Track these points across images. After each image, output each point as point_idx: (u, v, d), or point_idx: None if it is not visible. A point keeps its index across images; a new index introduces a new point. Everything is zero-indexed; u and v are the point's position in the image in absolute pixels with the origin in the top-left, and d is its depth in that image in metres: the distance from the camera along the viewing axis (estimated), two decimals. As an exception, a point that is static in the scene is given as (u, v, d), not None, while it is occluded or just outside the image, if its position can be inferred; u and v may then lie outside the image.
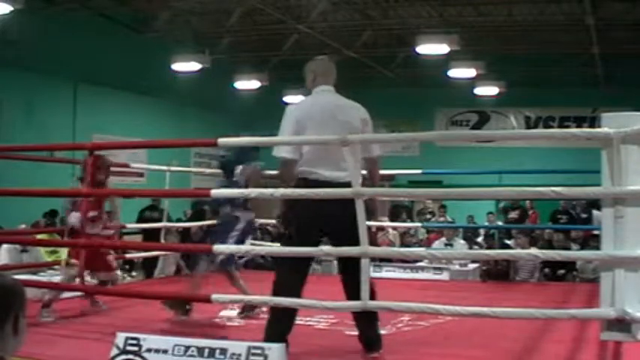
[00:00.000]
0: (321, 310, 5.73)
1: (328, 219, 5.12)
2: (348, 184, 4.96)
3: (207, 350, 4.47)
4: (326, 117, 5.22)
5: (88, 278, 7.51)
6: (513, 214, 16.75)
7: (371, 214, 5.45)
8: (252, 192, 5.12)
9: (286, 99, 17.96)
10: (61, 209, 12.55)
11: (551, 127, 22.09)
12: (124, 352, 4.60)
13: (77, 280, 7.16)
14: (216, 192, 5.96)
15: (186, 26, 18.02)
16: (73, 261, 7.03)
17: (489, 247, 12.36)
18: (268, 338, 5.01)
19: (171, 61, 17.32)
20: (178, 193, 11.28)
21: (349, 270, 5.14)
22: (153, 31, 17.69)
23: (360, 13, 17.16)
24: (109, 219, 7.85)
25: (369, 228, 5.77)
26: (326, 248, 5.37)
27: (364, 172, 5.43)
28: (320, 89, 5.40)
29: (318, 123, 5.19)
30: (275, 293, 5.20)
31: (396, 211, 18.71)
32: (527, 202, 16.82)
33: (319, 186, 5.05)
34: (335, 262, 11.18)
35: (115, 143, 13.99)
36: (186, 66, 17.52)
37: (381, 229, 13.76)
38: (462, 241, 13.11)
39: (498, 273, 10.50)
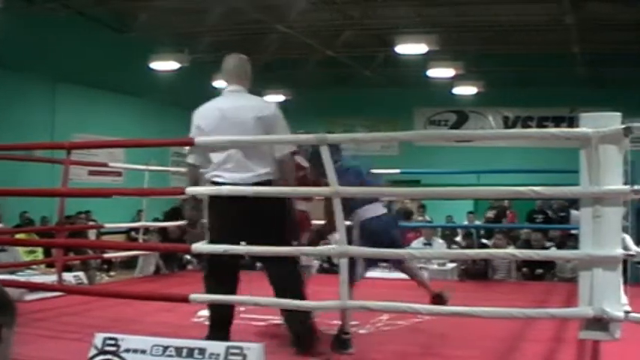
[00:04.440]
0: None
1: (235, 221, 5.14)
2: (255, 185, 5.05)
3: (185, 350, 4.46)
4: (217, 122, 5.24)
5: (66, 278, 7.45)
6: (490, 214, 16.84)
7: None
8: (252, 191, 5.07)
9: (265, 99, 17.91)
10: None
11: (530, 126, 22.20)
12: (102, 352, 4.57)
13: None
14: (191, 190, 5.86)
15: (166, 25, 17.96)
16: None
17: (468, 247, 12.38)
18: (209, 334, 5.14)
19: (150, 60, 17.26)
20: (154, 192, 11.21)
21: (268, 270, 5.25)
22: (133, 31, 17.62)
23: (340, 12, 17.17)
24: None
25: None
26: (305, 249, 5.38)
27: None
28: (227, 90, 5.42)
29: (212, 128, 5.23)
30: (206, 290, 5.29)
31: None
32: (506, 201, 16.89)
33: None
34: (314, 262, 11.19)
35: (92, 142, 13.96)
36: (164, 65, 17.46)
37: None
38: (441, 241, 13.11)
39: (476, 272, 10.55)
